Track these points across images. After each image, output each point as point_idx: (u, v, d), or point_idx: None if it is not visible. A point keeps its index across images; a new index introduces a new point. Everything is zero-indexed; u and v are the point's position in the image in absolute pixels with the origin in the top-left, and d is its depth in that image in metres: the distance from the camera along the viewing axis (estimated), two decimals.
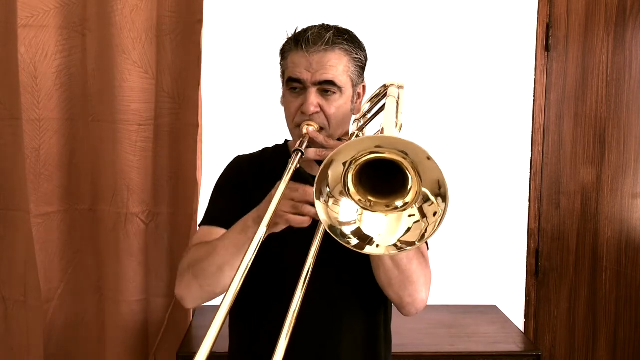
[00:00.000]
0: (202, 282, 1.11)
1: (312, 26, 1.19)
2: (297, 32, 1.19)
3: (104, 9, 1.80)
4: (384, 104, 1.13)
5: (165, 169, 1.92)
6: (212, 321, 0.74)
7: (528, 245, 2.31)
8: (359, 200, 0.88)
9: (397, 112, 1.06)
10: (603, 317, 2.35)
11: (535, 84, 2.26)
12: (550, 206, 2.31)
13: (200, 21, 1.83)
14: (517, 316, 2.29)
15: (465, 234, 2.25)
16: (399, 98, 1.15)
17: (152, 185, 1.91)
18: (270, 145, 1.35)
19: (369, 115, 1.32)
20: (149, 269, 1.92)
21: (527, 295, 2.32)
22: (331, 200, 0.86)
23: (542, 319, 2.34)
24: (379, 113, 1.25)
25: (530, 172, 2.29)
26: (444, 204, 0.83)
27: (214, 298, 1.13)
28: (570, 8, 2.25)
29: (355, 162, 0.85)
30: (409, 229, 0.86)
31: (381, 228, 0.87)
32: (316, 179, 0.85)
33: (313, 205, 0.90)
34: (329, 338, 1.20)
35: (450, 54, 2.20)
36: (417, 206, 0.86)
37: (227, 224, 1.15)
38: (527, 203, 2.30)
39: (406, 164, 0.84)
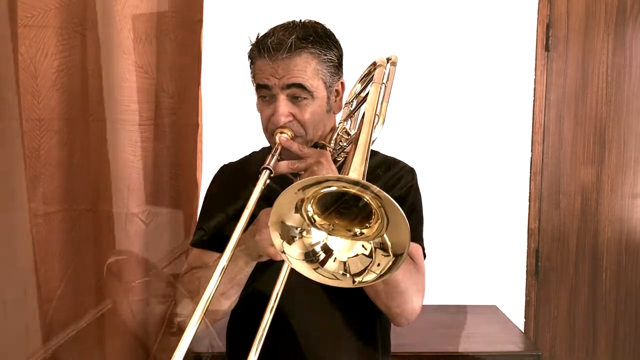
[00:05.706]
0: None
1: (274, 29, 1.12)
2: (259, 37, 1.13)
3: (103, 9, 1.80)
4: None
5: (165, 169, 1.92)
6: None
7: (528, 245, 2.31)
8: (322, 225, 0.88)
9: (381, 102, 1.00)
10: (603, 317, 2.35)
11: (535, 84, 2.26)
12: (550, 206, 2.31)
13: (200, 21, 1.83)
14: (517, 316, 2.29)
15: (465, 234, 2.25)
16: (387, 80, 1.10)
17: (152, 185, 1.90)
18: (258, 148, 1.33)
19: (362, 95, 1.26)
20: (149, 269, 1.92)
21: (527, 295, 2.32)
22: (304, 232, 0.88)
23: (542, 319, 2.34)
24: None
25: (530, 172, 2.29)
26: (392, 265, 0.82)
27: (216, 322, 1.13)
28: (570, 8, 2.25)
29: (309, 198, 0.84)
30: (356, 255, 0.87)
31: (340, 245, 0.89)
32: (280, 247, 0.84)
33: None
34: (327, 349, 1.18)
35: (451, 54, 2.20)
36: (372, 246, 0.85)
37: (216, 245, 1.16)
38: (527, 203, 2.30)
39: (373, 203, 0.81)
